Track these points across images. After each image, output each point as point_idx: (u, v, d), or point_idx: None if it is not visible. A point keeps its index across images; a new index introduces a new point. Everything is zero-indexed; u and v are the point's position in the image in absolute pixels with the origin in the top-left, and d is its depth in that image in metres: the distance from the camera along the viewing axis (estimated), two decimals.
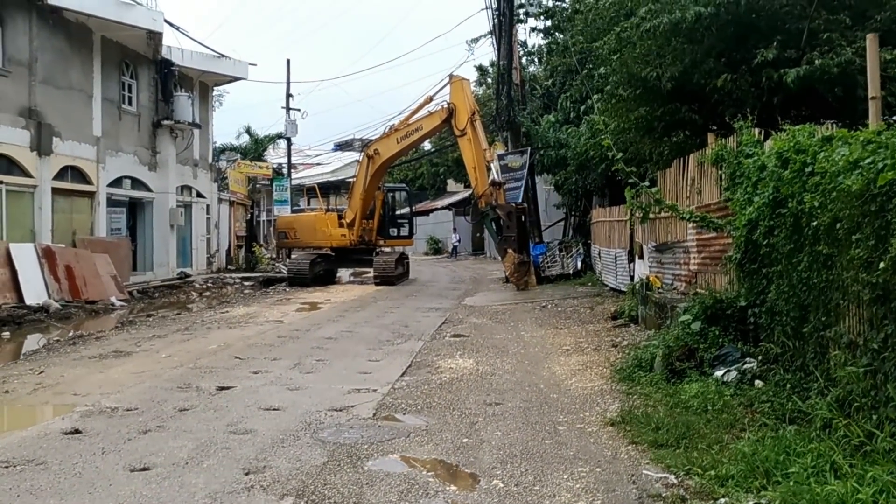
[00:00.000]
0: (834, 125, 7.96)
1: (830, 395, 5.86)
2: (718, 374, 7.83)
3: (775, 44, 11.25)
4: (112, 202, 23.68)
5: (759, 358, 7.80)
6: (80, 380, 9.68)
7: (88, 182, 22.01)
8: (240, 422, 7.32)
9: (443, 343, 12.58)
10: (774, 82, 11.35)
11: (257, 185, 41.91)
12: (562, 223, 31.22)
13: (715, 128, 12.87)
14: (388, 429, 7.07)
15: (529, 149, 25.68)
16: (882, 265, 4.51)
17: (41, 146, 19.60)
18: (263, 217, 46.83)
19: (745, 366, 7.80)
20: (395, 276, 26.19)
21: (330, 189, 49.90)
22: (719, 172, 10.73)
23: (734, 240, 8.59)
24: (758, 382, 7.43)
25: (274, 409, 7.93)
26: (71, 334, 14.53)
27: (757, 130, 9.51)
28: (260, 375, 9.81)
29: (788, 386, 6.84)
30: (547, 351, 11.52)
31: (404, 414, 7.75)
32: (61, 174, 20.79)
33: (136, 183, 24.93)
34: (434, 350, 11.81)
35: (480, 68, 40.79)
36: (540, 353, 11.43)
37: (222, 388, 8.99)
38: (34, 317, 17.07)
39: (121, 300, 20.44)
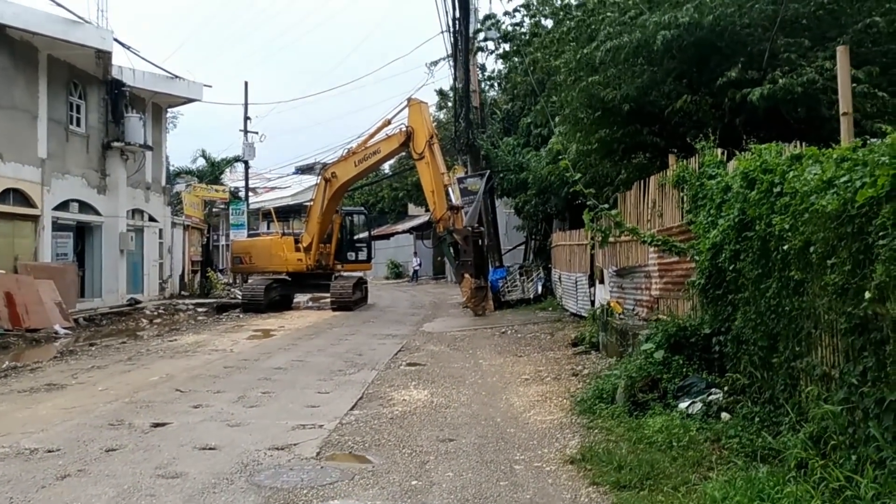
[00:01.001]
0: (801, 144, 7.64)
1: (803, 432, 5.47)
2: (683, 405, 7.42)
3: (739, 65, 11.03)
4: (58, 226, 22.76)
5: (726, 389, 7.41)
6: (3, 416, 8.97)
7: (32, 205, 21.12)
8: (170, 464, 6.72)
9: (397, 373, 12.06)
10: (737, 103, 11.13)
11: (214, 209, 41.07)
12: (522, 247, 30.94)
13: (675, 150, 12.61)
14: (331, 470, 6.52)
15: (488, 172, 25.37)
16: (868, 294, 4.11)
17: None
18: (222, 241, 45.93)
19: (710, 397, 7.40)
20: (353, 301, 25.62)
21: (290, 213, 49.18)
22: (681, 194, 10.44)
23: (697, 264, 8.25)
24: (724, 415, 7.03)
25: (210, 449, 7.35)
26: (5, 365, 13.70)
27: (720, 151, 9.23)
28: (200, 410, 9.21)
29: (757, 420, 6.46)
30: (505, 380, 11.06)
31: (350, 453, 7.22)
32: (2, 197, 19.87)
33: (85, 206, 24.03)
34: (387, 380, 11.28)
35: (441, 92, 40.53)
36: (498, 382, 10.96)
37: (157, 425, 8.38)
38: None
39: (65, 328, 19.56)
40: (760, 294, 6.47)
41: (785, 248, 5.54)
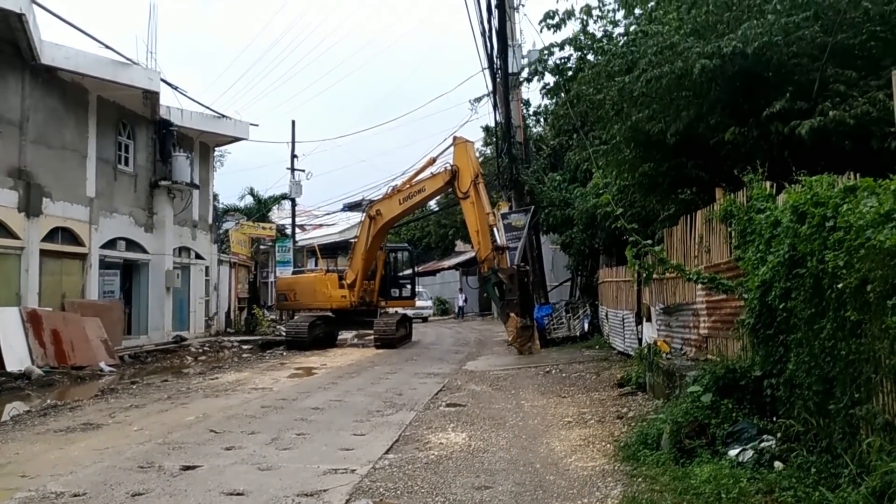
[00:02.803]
0: (856, 176, 7.22)
1: (865, 486, 5.04)
2: (733, 453, 6.97)
3: (787, 95, 10.63)
4: (105, 264, 23.05)
5: (778, 436, 6.95)
6: (35, 458, 8.89)
7: (80, 243, 21.42)
8: None
9: (436, 414, 11.73)
10: (784, 135, 10.70)
11: (261, 247, 41.41)
12: (568, 283, 30.44)
13: (723, 184, 12.20)
14: None
15: (532, 207, 25.05)
16: None
17: (30, 207, 19.04)
18: (270, 278, 46.24)
19: (762, 444, 6.94)
20: (397, 338, 25.41)
21: (337, 249, 49.39)
22: (729, 230, 10.04)
23: (746, 302, 7.82)
24: (777, 464, 6.57)
25: (237, 494, 7.13)
26: (47, 403, 13.73)
27: (768, 184, 8.83)
28: (232, 452, 9.00)
29: (813, 471, 5.99)
30: (547, 423, 10.66)
31: (381, 501, 6.91)
32: (51, 235, 20.21)
33: (131, 244, 24.33)
34: (426, 422, 10.96)
35: (487, 129, 40.41)
36: (539, 425, 10.57)
37: (187, 468, 8.19)
38: (14, 384, 16.28)
39: (110, 365, 19.66)
40: (814, 335, 6.06)
41: (840, 286, 5.15)
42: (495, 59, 24.01)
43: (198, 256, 28.84)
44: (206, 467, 8.23)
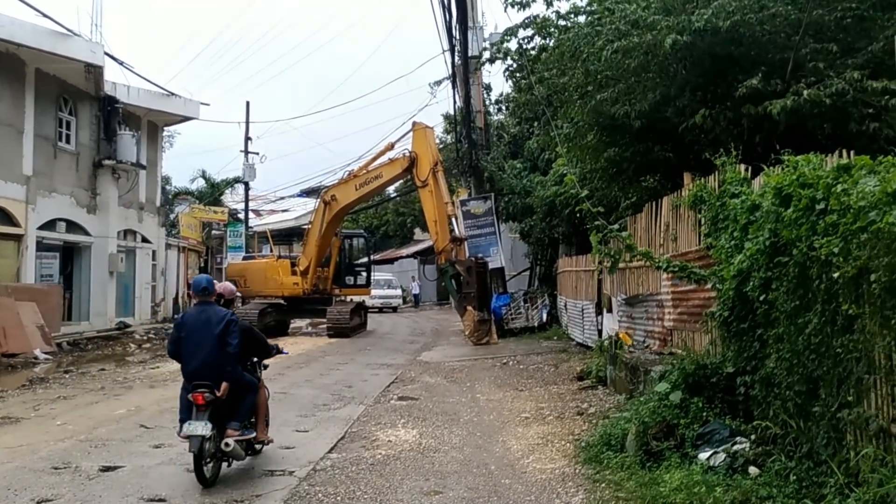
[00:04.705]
0: (849, 154, 6.68)
1: (856, 498, 4.51)
2: (703, 456, 6.42)
3: (759, 74, 10.10)
4: (43, 246, 21.83)
5: (753, 438, 6.41)
6: None
7: (15, 224, 20.18)
8: None
9: (387, 408, 11.07)
10: (757, 117, 10.19)
11: (213, 231, 40.25)
12: (527, 273, 29.92)
13: (690, 170, 11.68)
14: None
15: (493, 195, 24.46)
16: None
17: None
18: (224, 264, 45.05)
19: (735, 447, 6.40)
20: (351, 327, 24.64)
21: (293, 235, 48.34)
22: (698, 216, 9.50)
23: (719, 293, 7.27)
24: (753, 470, 6.03)
25: (158, 501, 6.42)
26: None
27: (742, 167, 8.29)
28: (160, 451, 8.27)
29: (794, 478, 5.46)
30: (503, 419, 10.05)
31: None
32: None
33: (72, 226, 23.10)
34: (375, 417, 10.30)
35: (447, 116, 39.68)
36: (495, 421, 9.96)
37: (107, 469, 7.45)
38: None
39: (46, 353, 18.59)
40: (797, 330, 5.50)
41: (835, 275, 4.58)
42: (455, 39, 23.30)
43: (144, 240, 27.70)
44: (128, 468, 7.49)
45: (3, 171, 19.65)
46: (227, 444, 6.86)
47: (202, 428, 6.62)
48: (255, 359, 8.04)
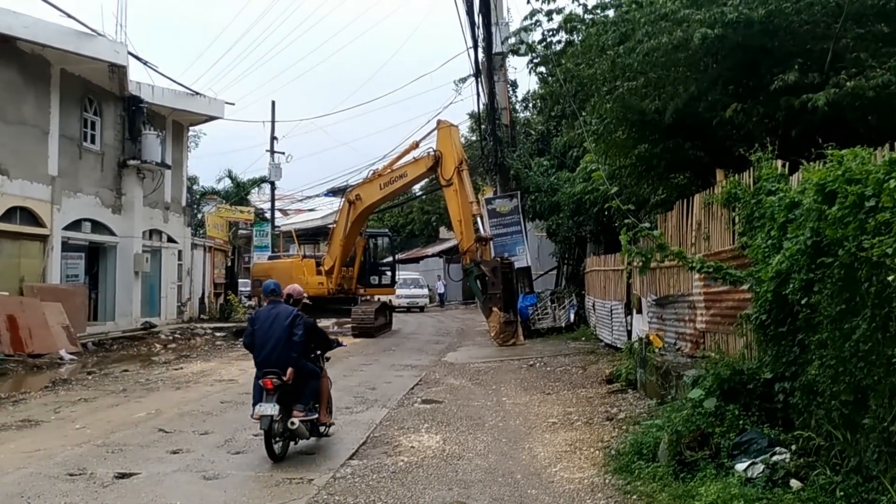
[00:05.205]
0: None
1: None
2: (740, 467, 6.09)
3: (796, 67, 9.68)
4: (68, 246, 21.82)
5: (794, 448, 6.07)
6: None
7: (40, 224, 20.19)
8: None
9: (410, 412, 10.81)
10: (794, 111, 9.76)
11: (240, 231, 40.27)
12: (554, 272, 29.53)
13: (722, 167, 11.28)
14: None
15: (519, 192, 24.10)
16: None
17: None
18: (250, 264, 45.11)
19: (774, 458, 6.06)
20: (375, 327, 24.42)
21: (318, 235, 48.31)
22: (732, 214, 9.13)
23: (756, 295, 6.90)
24: (794, 483, 5.70)
25: None
26: None
27: (779, 163, 7.91)
28: (177, 457, 8.07)
29: (840, 493, 5.13)
30: (530, 424, 9.75)
31: None
32: (8, 215, 18.93)
33: (98, 226, 23.08)
34: (398, 421, 10.05)
35: (472, 115, 39.31)
36: (521, 426, 9.66)
37: (122, 476, 7.26)
38: None
39: (72, 353, 18.57)
40: (843, 336, 5.16)
41: (889, 278, 4.23)
42: (478, 31, 22.96)
43: (170, 240, 27.67)
44: (143, 475, 7.28)
45: (29, 171, 19.63)
46: (292, 423, 7.87)
47: (271, 409, 7.67)
48: (318, 351, 8.92)
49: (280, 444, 7.92)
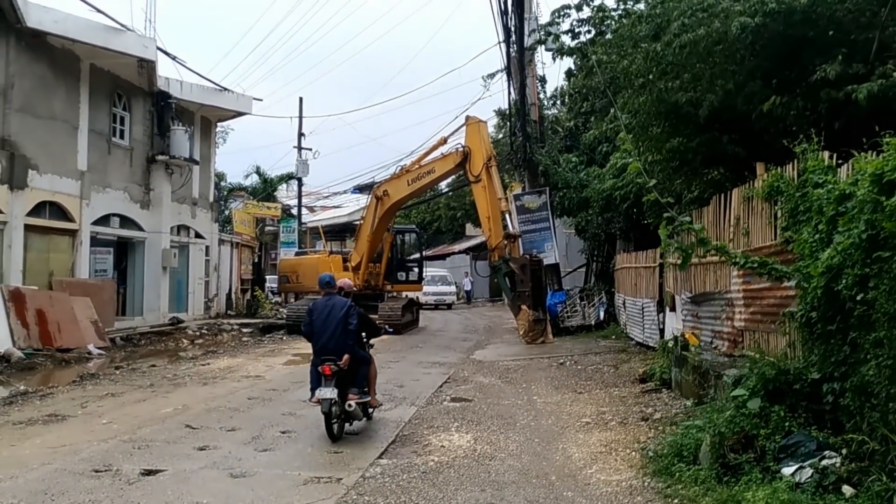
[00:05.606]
0: None
1: None
2: (788, 471, 5.83)
3: (839, 58, 9.35)
4: (97, 241, 21.86)
5: (845, 452, 5.79)
6: None
7: (70, 219, 20.23)
8: None
9: (439, 410, 10.61)
10: (837, 103, 9.43)
11: (267, 227, 40.29)
12: (583, 269, 29.20)
13: (761, 161, 10.95)
14: None
15: (547, 189, 23.82)
16: None
17: (13, 179, 17.82)
18: (277, 260, 45.19)
19: (823, 462, 5.80)
20: (403, 324, 24.26)
21: (346, 231, 48.30)
22: (774, 209, 8.82)
23: (804, 292, 6.59)
24: (847, 489, 5.43)
25: None
26: (19, 390, 12.61)
27: (826, 154, 7.60)
28: (204, 454, 7.93)
29: None
30: (563, 424, 9.51)
31: None
32: (37, 210, 19.00)
33: (126, 221, 23.11)
34: (427, 420, 9.85)
35: (501, 112, 39.00)
36: (554, 426, 9.42)
37: (148, 473, 7.12)
38: None
39: (99, 348, 18.59)
40: None
41: None
42: (510, 21, 22.73)
43: (198, 235, 27.67)
44: (169, 472, 7.14)
45: (58, 166, 19.66)
46: (349, 405, 8.53)
47: (330, 392, 8.34)
48: (366, 340, 9.64)
49: (336, 424, 8.53)
